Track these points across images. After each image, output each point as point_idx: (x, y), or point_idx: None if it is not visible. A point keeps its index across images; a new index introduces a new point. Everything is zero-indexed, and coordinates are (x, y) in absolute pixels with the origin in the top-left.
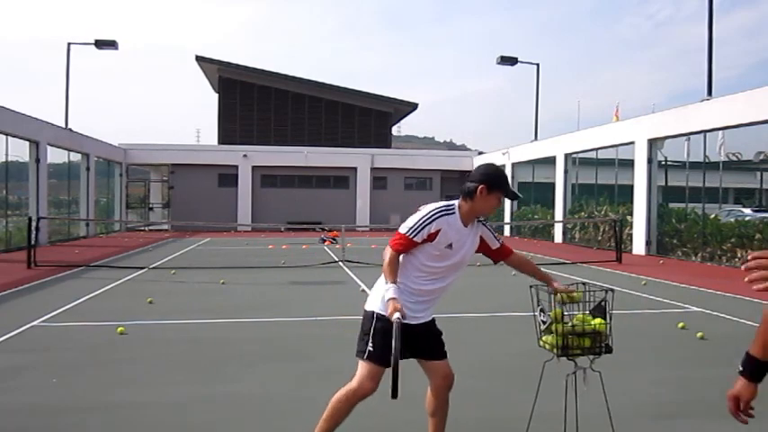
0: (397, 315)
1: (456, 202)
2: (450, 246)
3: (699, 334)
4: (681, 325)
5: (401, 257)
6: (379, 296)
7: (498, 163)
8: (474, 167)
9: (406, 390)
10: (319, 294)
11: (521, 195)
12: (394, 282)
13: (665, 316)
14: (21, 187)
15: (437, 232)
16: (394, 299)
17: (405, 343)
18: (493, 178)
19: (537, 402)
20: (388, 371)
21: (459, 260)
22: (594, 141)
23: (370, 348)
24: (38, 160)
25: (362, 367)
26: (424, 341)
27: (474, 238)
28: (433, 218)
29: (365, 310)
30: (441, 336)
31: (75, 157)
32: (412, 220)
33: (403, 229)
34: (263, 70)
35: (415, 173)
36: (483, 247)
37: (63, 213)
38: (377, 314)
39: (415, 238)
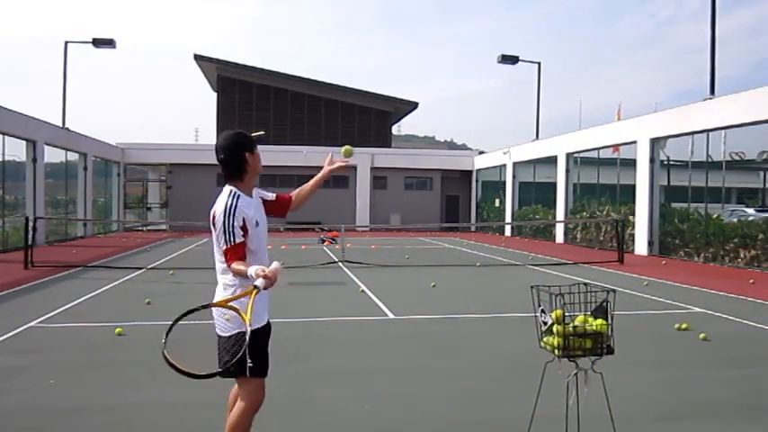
0: (275, 264)
1: (231, 187)
2: (257, 224)
3: (701, 335)
4: (684, 326)
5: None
6: (229, 318)
7: (499, 162)
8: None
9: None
10: (319, 295)
11: (263, 132)
12: (248, 267)
13: (667, 317)
14: (18, 187)
15: (244, 221)
16: (258, 267)
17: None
18: (246, 139)
19: (538, 403)
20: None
21: (265, 229)
22: (596, 141)
23: (250, 365)
24: (35, 160)
25: (253, 383)
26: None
27: (259, 202)
28: (233, 212)
29: (226, 337)
30: None
31: (73, 156)
32: (223, 231)
33: (223, 244)
34: (261, 69)
35: (416, 172)
36: (266, 207)
37: (60, 213)
38: (243, 333)
39: (238, 241)
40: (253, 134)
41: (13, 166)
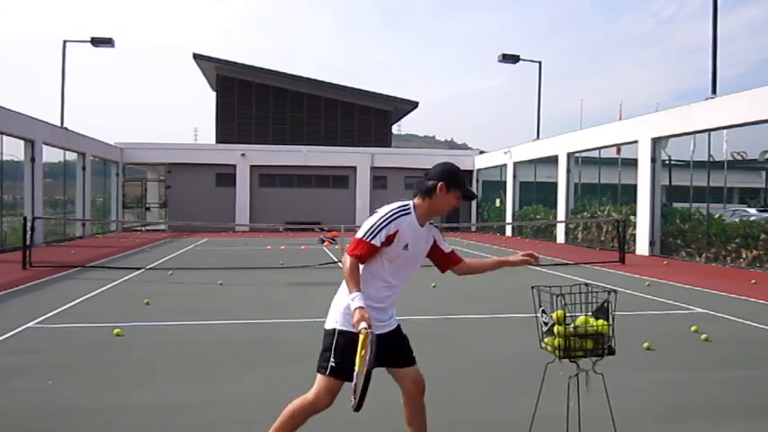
0: (363, 324)
1: (411, 202)
2: (406, 247)
3: (703, 335)
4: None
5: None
6: (339, 312)
7: (500, 162)
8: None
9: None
10: (318, 295)
11: (477, 195)
12: (358, 290)
13: (668, 317)
14: (16, 187)
15: (395, 233)
16: (361, 308)
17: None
18: (452, 176)
19: (539, 404)
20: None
21: (414, 261)
22: (597, 140)
23: (332, 364)
24: (33, 159)
25: (322, 382)
26: (393, 349)
27: (428, 238)
28: (391, 218)
29: (325, 329)
30: (408, 341)
31: (71, 156)
32: (369, 223)
33: (360, 233)
34: (261, 68)
35: (416, 172)
36: (434, 251)
37: (59, 213)
38: (338, 330)
39: (373, 242)
40: (472, 188)
41: (12, 165)
